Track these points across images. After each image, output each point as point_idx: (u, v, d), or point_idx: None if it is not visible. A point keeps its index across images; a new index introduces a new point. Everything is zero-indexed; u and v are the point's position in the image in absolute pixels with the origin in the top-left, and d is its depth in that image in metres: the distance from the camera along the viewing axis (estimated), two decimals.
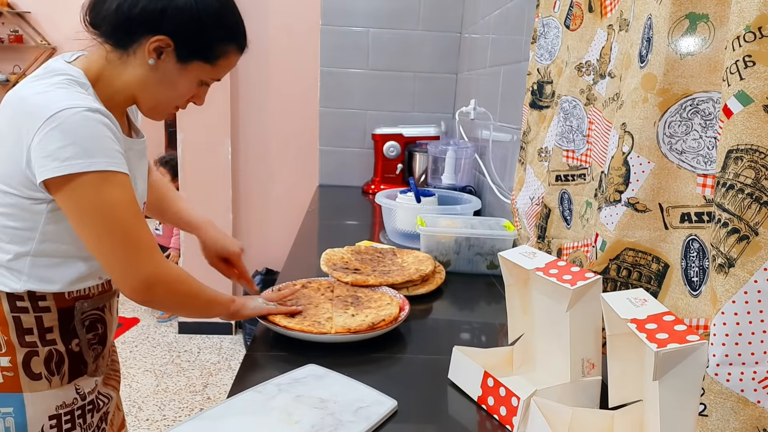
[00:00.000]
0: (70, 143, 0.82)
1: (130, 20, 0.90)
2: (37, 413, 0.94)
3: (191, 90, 0.99)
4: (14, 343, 0.92)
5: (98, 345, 1.05)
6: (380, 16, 2.82)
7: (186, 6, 0.90)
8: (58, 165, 0.82)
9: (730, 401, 0.62)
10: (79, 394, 1.00)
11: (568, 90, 1.12)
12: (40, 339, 0.94)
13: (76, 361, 1.00)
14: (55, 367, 0.96)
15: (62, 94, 0.85)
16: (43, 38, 5.71)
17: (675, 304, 0.78)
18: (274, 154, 3.07)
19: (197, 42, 0.93)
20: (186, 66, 0.94)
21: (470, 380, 0.93)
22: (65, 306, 0.97)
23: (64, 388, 0.97)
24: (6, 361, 0.92)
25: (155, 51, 0.91)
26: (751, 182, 0.58)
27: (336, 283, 1.31)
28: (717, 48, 0.71)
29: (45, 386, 0.95)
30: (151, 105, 0.99)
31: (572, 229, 1.12)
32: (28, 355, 0.93)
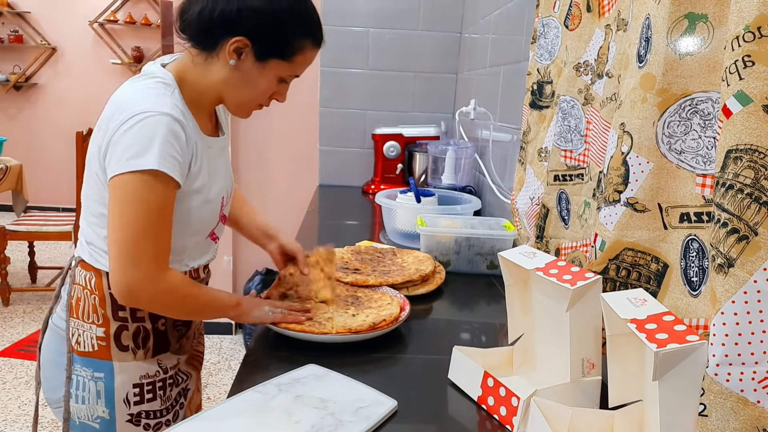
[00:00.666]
0: (135, 144, 0.89)
1: (210, 23, 0.95)
2: (123, 381, 1.04)
3: (271, 87, 1.03)
4: (109, 316, 1.03)
5: (182, 326, 1.13)
6: (380, 16, 2.82)
7: (260, 6, 0.95)
8: (121, 164, 0.90)
9: (730, 401, 0.62)
10: (161, 368, 1.09)
11: (566, 90, 1.12)
12: (131, 315, 1.04)
13: (161, 339, 1.08)
14: (142, 342, 1.05)
15: (146, 97, 0.93)
16: (43, 38, 5.71)
17: (675, 304, 0.78)
18: (274, 154, 3.07)
19: (273, 40, 0.97)
20: (264, 64, 0.99)
21: (470, 380, 0.93)
22: None
23: (147, 361, 1.07)
24: (101, 332, 1.03)
25: (235, 51, 0.96)
26: (750, 182, 0.58)
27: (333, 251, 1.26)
28: (716, 48, 0.71)
29: (131, 357, 1.05)
30: (236, 103, 1.04)
31: (570, 229, 1.12)
32: (120, 328, 1.03)
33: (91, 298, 1.03)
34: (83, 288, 1.04)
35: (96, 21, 5.57)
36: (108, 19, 5.58)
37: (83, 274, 1.04)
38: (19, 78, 5.67)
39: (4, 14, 5.60)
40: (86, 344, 1.04)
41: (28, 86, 5.79)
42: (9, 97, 5.80)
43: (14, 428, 2.38)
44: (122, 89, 0.97)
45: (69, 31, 5.69)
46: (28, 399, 2.59)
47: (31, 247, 3.84)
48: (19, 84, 5.71)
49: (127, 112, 0.90)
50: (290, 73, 1.03)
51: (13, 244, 3.87)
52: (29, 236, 3.52)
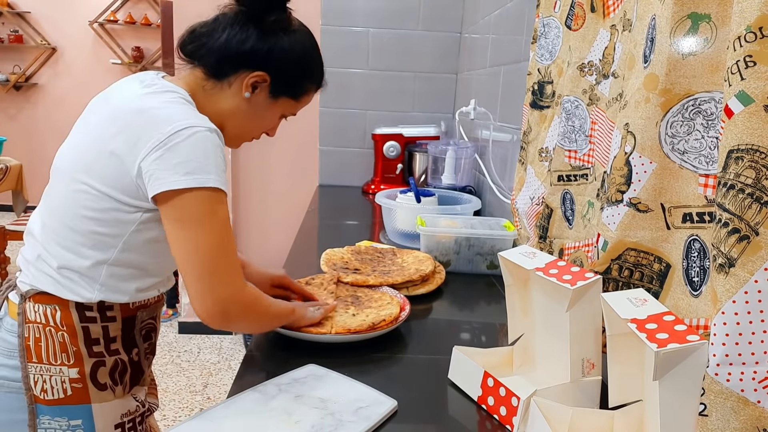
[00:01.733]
0: (192, 159, 0.85)
1: (238, 55, 0.96)
2: (105, 423, 0.95)
3: (273, 123, 1.07)
4: (83, 353, 0.93)
5: (150, 354, 1.08)
6: (380, 16, 2.82)
7: (287, 48, 0.99)
8: (178, 179, 0.84)
9: (731, 401, 0.62)
10: (139, 402, 1.02)
11: (570, 90, 1.12)
12: (106, 349, 0.95)
13: (136, 371, 1.02)
14: (119, 376, 0.97)
15: (183, 111, 0.89)
16: (43, 38, 5.70)
17: (676, 304, 0.78)
18: (274, 154, 3.07)
19: (290, 80, 1.02)
20: (275, 101, 1.03)
21: (470, 380, 0.93)
22: (128, 315, 0.98)
23: (126, 397, 0.99)
24: (74, 373, 0.92)
25: (251, 85, 0.98)
26: (751, 182, 0.58)
27: (337, 275, 1.31)
28: (719, 48, 0.71)
29: (110, 396, 0.96)
30: (236, 133, 1.04)
31: (574, 229, 1.12)
32: (96, 365, 0.94)
33: (58, 335, 0.91)
34: (44, 326, 0.91)
35: (96, 21, 5.57)
36: (108, 19, 5.58)
37: (41, 310, 0.92)
38: (19, 78, 5.67)
39: (4, 14, 5.59)
40: (56, 390, 0.92)
41: (28, 86, 5.79)
42: (9, 97, 5.80)
43: None
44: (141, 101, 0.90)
45: (69, 31, 5.69)
46: None
47: None
48: (19, 84, 5.71)
49: (168, 126, 0.85)
50: (292, 112, 1.08)
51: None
52: None
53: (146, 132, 0.85)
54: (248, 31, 0.97)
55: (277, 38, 0.98)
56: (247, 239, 3.13)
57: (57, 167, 0.95)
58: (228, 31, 0.97)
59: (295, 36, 1.01)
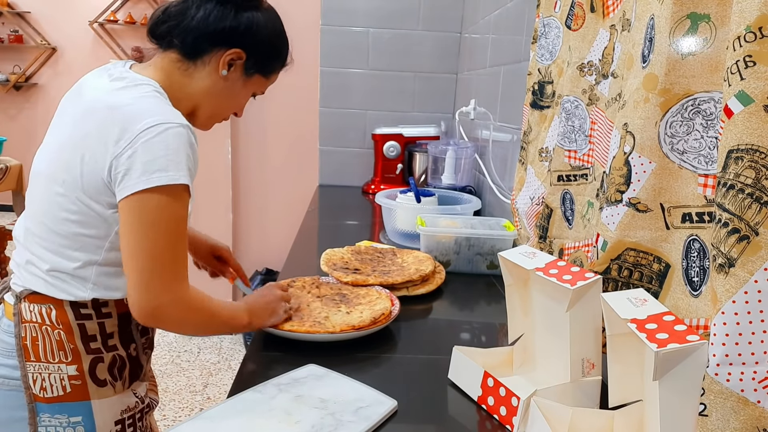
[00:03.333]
0: (161, 157, 0.84)
1: (215, 33, 0.96)
2: (105, 419, 0.96)
3: (245, 101, 1.07)
4: (80, 350, 0.93)
5: (148, 349, 1.08)
6: (380, 16, 2.82)
7: (263, 24, 1.00)
8: (144, 179, 0.83)
9: (730, 401, 0.62)
10: (138, 398, 1.02)
11: (570, 90, 1.12)
12: (104, 345, 0.96)
13: (134, 366, 1.01)
14: (118, 372, 0.98)
15: (155, 106, 0.88)
16: (43, 38, 5.70)
17: (676, 304, 0.78)
18: (274, 154, 3.07)
19: (265, 57, 1.03)
20: (249, 78, 1.03)
21: (470, 380, 0.93)
22: (124, 311, 0.96)
23: (125, 393, 0.99)
24: (72, 370, 0.93)
25: (228, 63, 0.98)
26: (751, 182, 0.58)
27: (319, 280, 1.31)
28: (718, 48, 0.71)
29: (110, 392, 0.96)
30: (209, 113, 1.04)
31: (574, 230, 1.12)
32: (94, 361, 0.94)
33: (54, 333, 0.92)
34: (40, 324, 0.92)
35: (96, 21, 5.57)
36: (108, 19, 5.58)
37: (36, 309, 0.92)
38: (19, 78, 5.67)
39: (4, 14, 5.59)
40: (56, 388, 0.92)
41: (28, 86, 5.79)
42: (9, 97, 5.80)
43: None
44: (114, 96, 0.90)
45: (69, 31, 5.69)
46: None
47: None
48: (19, 84, 5.71)
49: (138, 125, 0.84)
50: (261, 90, 1.08)
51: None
52: None
53: (118, 131, 0.85)
54: (225, 8, 0.96)
55: (253, 15, 0.99)
56: (247, 239, 3.13)
57: (35, 171, 0.95)
58: (203, 8, 0.96)
59: (267, 14, 1.02)
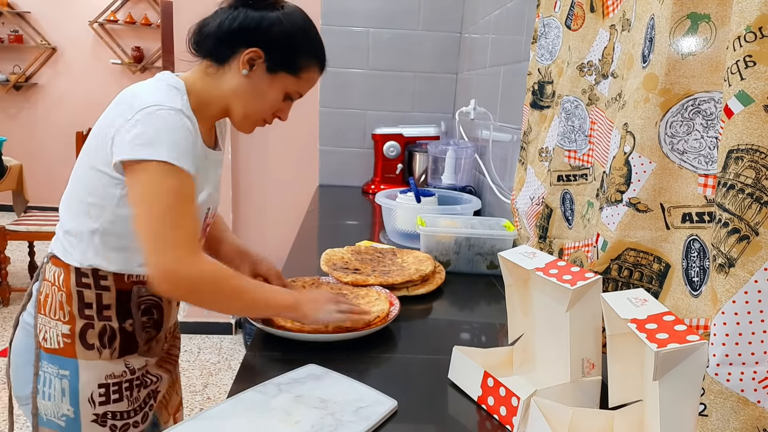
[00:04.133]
0: (148, 133, 0.92)
1: (229, 34, 1.02)
2: (89, 379, 1.03)
3: (277, 101, 1.08)
4: (75, 314, 1.03)
5: (152, 329, 1.11)
6: (380, 16, 2.82)
7: (276, 21, 1.03)
8: (130, 149, 0.91)
9: (730, 401, 0.62)
10: (128, 369, 1.08)
11: (569, 90, 1.12)
12: (98, 314, 1.04)
13: (127, 340, 1.07)
14: (108, 341, 1.05)
15: (159, 94, 0.96)
16: (43, 38, 5.70)
17: (676, 304, 0.78)
18: (274, 154, 3.07)
19: (284, 53, 1.05)
20: (274, 77, 1.05)
21: (470, 380, 0.93)
22: (123, 288, 1.04)
23: (113, 361, 1.05)
24: (67, 329, 1.03)
25: (248, 62, 1.03)
26: (751, 182, 0.58)
27: (319, 280, 1.31)
28: (718, 48, 0.71)
29: (95, 356, 1.04)
30: (242, 114, 1.08)
31: (574, 230, 1.12)
32: (85, 327, 1.03)
33: (59, 294, 1.03)
34: (51, 284, 1.04)
35: (96, 21, 5.57)
36: (108, 19, 5.58)
37: (53, 271, 1.04)
38: (19, 78, 5.67)
39: (4, 14, 5.59)
40: (52, 341, 1.04)
41: (28, 86, 5.79)
42: (9, 97, 5.80)
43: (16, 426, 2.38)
44: (130, 87, 1.00)
45: (69, 31, 5.69)
46: None
47: (31, 247, 3.84)
48: (19, 84, 5.70)
49: (138, 105, 0.93)
50: (296, 89, 1.09)
51: (13, 244, 3.87)
52: (29, 236, 3.52)
53: (124, 109, 0.94)
54: (238, 11, 1.03)
55: (264, 14, 1.03)
56: (247, 239, 3.10)
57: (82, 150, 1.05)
58: (221, 16, 1.04)
59: (283, 11, 1.05)
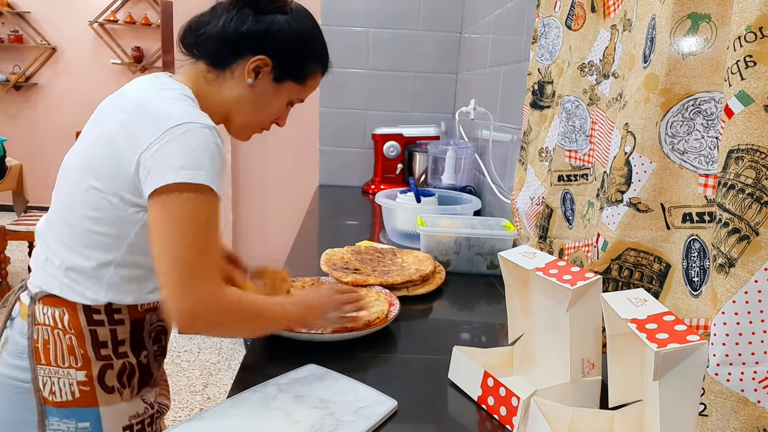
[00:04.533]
0: (185, 154, 0.83)
1: (235, 39, 0.95)
2: (113, 426, 0.95)
3: (280, 109, 1.04)
4: (90, 356, 0.92)
5: (161, 356, 1.06)
6: (380, 16, 2.82)
7: (285, 27, 0.97)
8: (170, 174, 0.82)
9: (731, 401, 0.62)
10: (147, 404, 1.01)
11: (570, 90, 1.12)
12: (114, 352, 0.95)
13: (144, 373, 1.00)
14: (127, 379, 0.97)
15: (184, 108, 0.87)
16: (43, 38, 5.70)
17: (676, 304, 0.78)
18: (274, 154, 3.07)
19: (292, 62, 1.00)
20: (279, 85, 1.00)
21: (470, 380, 0.93)
22: (137, 318, 0.97)
23: (134, 400, 0.98)
24: (82, 376, 0.92)
25: (254, 71, 0.97)
26: (751, 182, 0.58)
27: (319, 280, 1.31)
28: (719, 48, 0.71)
29: (117, 399, 0.95)
30: (243, 123, 1.03)
31: (574, 230, 1.12)
32: (104, 368, 0.93)
33: (66, 338, 0.91)
34: (53, 328, 0.91)
35: (96, 21, 5.57)
36: (108, 19, 5.58)
37: (49, 312, 0.92)
38: (19, 78, 5.67)
39: (4, 14, 5.59)
40: (64, 393, 0.92)
41: (28, 86, 5.79)
42: (9, 97, 5.80)
43: None
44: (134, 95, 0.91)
45: (69, 31, 5.69)
46: None
47: (31, 247, 3.84)
48: (19, 84, 5.71)
49: (165, 123, 0.84)
50: (299, 97, 1.05)
51: (13, 244, 3.86)
52: (29, 236, 3.52)
53: (144, 126, 0.85)
54: (244, 13, 0.96)
55: (273, 18, 0.96)
56: (247, 239, 3.12)
57: (64, 166, 0.96)
58: (225, 16, 0.96)
59: (292, 15, 0.98)
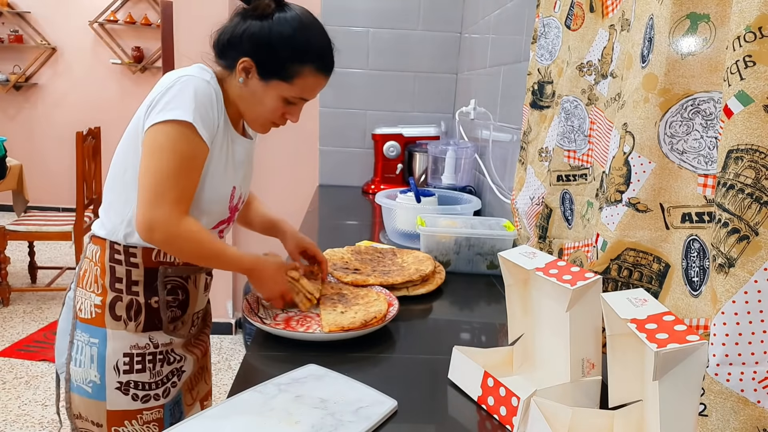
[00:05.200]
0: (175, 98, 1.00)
1: (227, 44, 1.09)
2: (115, 348, 1.11)
3: (277, 106, 1.12)
4: (107, 287, 1.11)
5: (177, 308, 1.18)
6: (380, 16, 2.82)
7: (259, 32, 1.07)
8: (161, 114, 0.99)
9: (730, 401, 0.62)
10: (152, 342, 1.14)
11: (569, 90, 1.12)
12: (126, 288, 1.12)
13: (152, 315, 1.14)
14: (134, 314, 1.12)
15: (190, 69, 1.06)
16: (43, 38, 5.70)
17: (676, 304, 0.78)
18: (274, 154, 3.07)
19: (271, 63, 1.08)
20: (267, 84, 1.09)
21: (470, 380, 0.93)
22: (151, 267, 1.12)
23: (138, 334, 1.12)
24: (99, 300, 1.12)
25: (243, 71, 1.08)
26: (751, 182, 0.58)
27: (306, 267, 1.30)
28: (718, 48, 0.71)
29: (122, 327, 1.11)
30: (250, 117, 1.15)
31: (573, 229, 1.12)
32: (115, 299, 1.11)
33: (95, 269, 1.12)
34: (90, 261, 1.14)
35: (96, 21, 5.57)
36: (108, 19, 5.58)
37: (93, 249, 1.13)
38: (19, 78, 5.67)
39: (4, 14, 5.59)
40: (86, 311, 1.12)
41: (28, 86, 5.79)
42: (9, 97, 5.80)
43: (14, 428, 2.37)
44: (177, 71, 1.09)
45: (69, 31, 5.69)
46: (28, 399, 2.58)
47: (31, 247, 3.84)
48: (19, 84, 5.71)
49: (168, 80, 1.03)
50: (294, 95, 1.11)
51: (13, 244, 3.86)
52: (29, 236, 3.52)
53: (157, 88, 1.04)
54: (236, 20, 1.09)
55: (250, 24, 1.07)
56: (247, 239, 3.12)
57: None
58: (229, 22, 1.10)
59: (273, 20, 1.07)
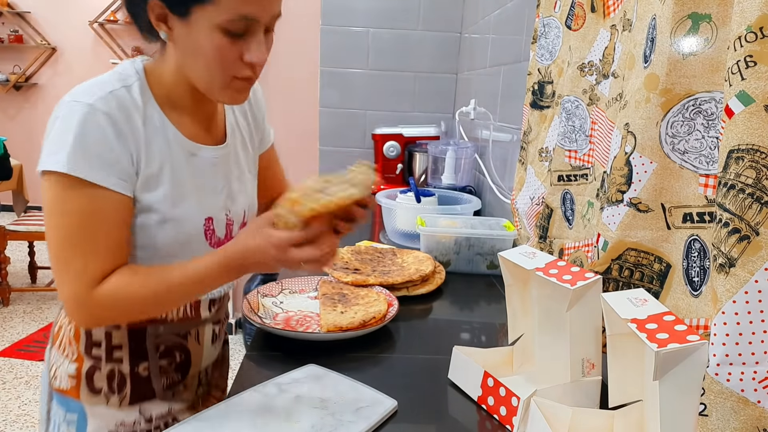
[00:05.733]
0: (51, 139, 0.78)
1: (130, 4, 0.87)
2: (98, 426, 0.93)
3: (219, 43, 0.80)
4: (82, 352, 0.93)
5: (175, 372, 1.00)
6: (380, 16, 2.82)
7: None
8: (43, 159, 0.78)
9: (731, 401, 0.62)
10: (144, 417, 0.96)
11: (570, 90, 1.12)
12: (106, 354, 0.93)
13: (141, 385, 0.95)
14: (117, 387, 0.94)
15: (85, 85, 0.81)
16: (43, 38, 5.71)
17: (676, 304, 0.78)
18: None
19: None
20: (190, 20, 0.80)
21: (470, 380, 0.93)
22: (135, 327, 0.93)
23: (123, 409, 0.94)
24: (73, 369, 0.93)
25: (159, 20, 0.82)
26: (752, 182, 0.58)
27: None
28: (719, 48, 0.71)
29: (103, 402, 0.93)
30: (204, 83, 0.86)
31: (574, 230, 1.12)
32: (92, 368, 0.93)
33: (68, 328, 0.94)
34: (65, 316, 0.94)
35: (96, 21, 5.57)
36: (108, 19, 5.58)
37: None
38: (19, 78, 5.67)
39: (4, 14, 5.60)
40: (61, 379, 0.93)
41: (28, 86, 5.80)
42: (9, 97, 5.80)
43: (14, 428, 2.37)
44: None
45: (69, 31, 5.69)
46: (28, 399, 2.58)
47: (31, 247, 3.84)
48: (19, 84, 5.71)
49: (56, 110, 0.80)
50: (228, 16, 0.78)
51: (13, 244, 3.86)
52: (29, 236, 3.52)
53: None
54: None
55: None
56: None
57: None
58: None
59: None
